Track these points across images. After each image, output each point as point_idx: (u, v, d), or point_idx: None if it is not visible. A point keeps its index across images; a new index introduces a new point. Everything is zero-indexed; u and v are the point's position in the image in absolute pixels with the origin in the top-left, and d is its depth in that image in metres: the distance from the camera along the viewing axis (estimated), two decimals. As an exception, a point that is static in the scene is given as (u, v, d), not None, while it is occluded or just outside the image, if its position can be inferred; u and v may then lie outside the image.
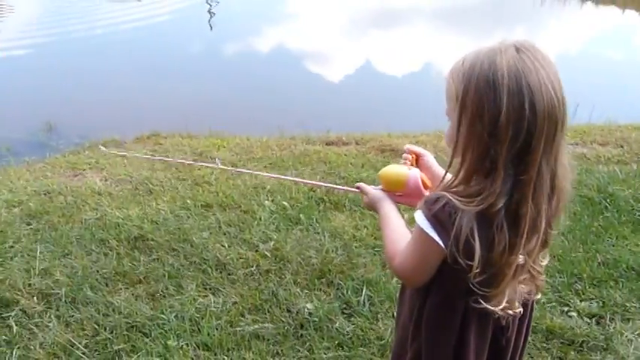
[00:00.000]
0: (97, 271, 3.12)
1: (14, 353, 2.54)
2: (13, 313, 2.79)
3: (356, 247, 3.39)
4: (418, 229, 1.29)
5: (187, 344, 2.59)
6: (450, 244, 1.22)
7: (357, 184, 1.67)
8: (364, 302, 2.89)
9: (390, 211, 1.53)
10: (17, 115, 7.10)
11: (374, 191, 1.61)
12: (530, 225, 1.23)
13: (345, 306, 2.89)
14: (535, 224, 1.25)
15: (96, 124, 6.52)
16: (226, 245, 3.37)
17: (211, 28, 13.30)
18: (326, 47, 12.52)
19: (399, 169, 1.58)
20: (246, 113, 7.38)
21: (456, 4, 17.85)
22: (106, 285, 3.02)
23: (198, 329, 2.69)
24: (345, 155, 5.07)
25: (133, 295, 2.94)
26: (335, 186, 1.87)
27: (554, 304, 2.94)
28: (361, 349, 2.60)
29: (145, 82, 8.72)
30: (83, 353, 2.54)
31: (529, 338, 2.59)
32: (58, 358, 2.53)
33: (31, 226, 3.63)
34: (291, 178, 3.84)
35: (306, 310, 2.82)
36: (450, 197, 1.23)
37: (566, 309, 2.92)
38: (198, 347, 2.59)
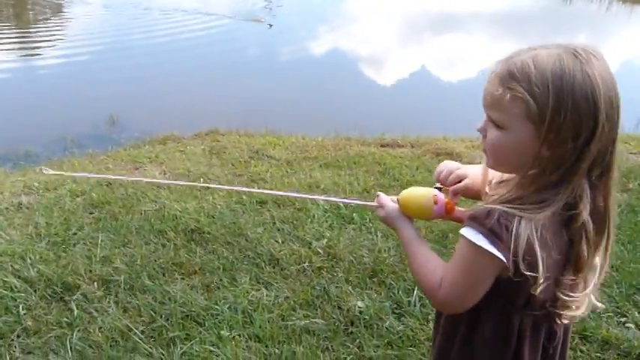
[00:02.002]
0: (155, 261, 3.20)
1: (74, 335, 2.62)
2: (74, 297, 2.89)
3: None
4: (470, 247, 1.21)
5: (240, 335, 2.64)
6: (511, 257, 1.16)
7: (378, 193, 1.53)
8: (415, 303, 2.88)
9: (412, 235, 1.43)
10: (83, 109, 7.38)
11: (392, 207, 1.47)
12: (612, 223, 1.24)
13: (395, 306, 2.89)
14: (612, 220, 1.25)
15: (157, 120, 6.71)
16: (280, 241, 3.42)
17: (270, 26, 13.46)
18: (383, 51, 12.51)
19: (423, 203, 1.43)
20: (302, 114, 7.47)
21: (516, 9, 17.54)
22: (163, 274, 3.10)
23: (251, 321, 2.73)
24: (400, 157, 5.06)
25: (188, 285, 3.01)
26: (353, 201, 1.67)
27: (610, 314, 2.86)
28: (411, 349, 2.60)
29: (205, 82, 8.94)
30: (140, 339, 2.61)
31: (584, 348, 2.55)
32: (115, 342, 2.61)
33: (93, 215, 3.76)
34: (301, 196, 3.59)
35: (357, 307, 2.83)
36: (505, 209, 1.17)
37: (623, 320, 2.84)
38: (250, 339, 2.63)
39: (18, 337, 2.63)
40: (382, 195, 1.51)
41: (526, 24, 15.19)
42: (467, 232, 1.22)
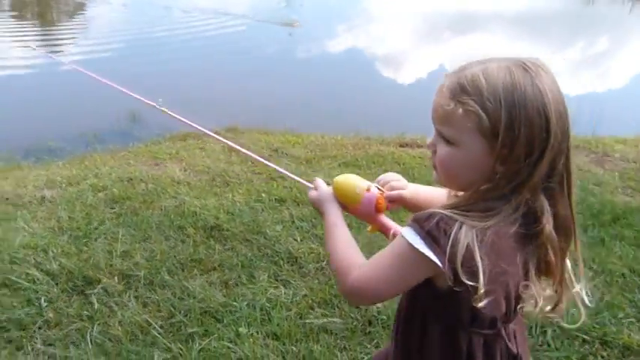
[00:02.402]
0: (174, 257, 3.23)
1: (95, 328, 2.66)
2: (95, 291, 2.92)
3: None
4: (407, 247, 1.17)
5: (257, 332, 2.65)
6: (447, 262, 1.12)
7: (315, 178, 1.57)
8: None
9: (338, 219, 1.43)
10: (104, 105, 7.41)
11: (326, 189, 1.51)
12: (576, 227, 1.24)
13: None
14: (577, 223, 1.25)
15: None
16: (298, 239, 3.43)
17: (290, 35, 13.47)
18: (403, 50, 12.48)
19: (357, 186, 1.47)
20: (322, 112, 7.47)
21: (537, 10, 17.38)
22: (182, 270, 3.12)
23: (269, 319, 2.74)
24: (420, 157, 5.04)
25: (207, 281, 3.03)
26: (291, 175, 1.69)
27: (632, 319, 2.83)
28: (429, 350, 2.59)
29: (225, 80, 8.97)
30: (159, 333, 2.63)
31: (604, 353, 2.53)
32: (134, 336, 2.64)
33: (114, 210, 3.80)
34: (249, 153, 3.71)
35: (374, 307, 2.83)
36: (447, 213, 1.15)
37: (645, 326, 2.81)
38: (268, 336, 2.64)
39: (39, 328, 2.67)
40: (319, 179, 1.55)
41: (547, 25, 15.06)
42: (406, 231, 1.18)
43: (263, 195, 4.01)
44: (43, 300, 2.83)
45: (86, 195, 4.00)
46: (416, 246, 1.15)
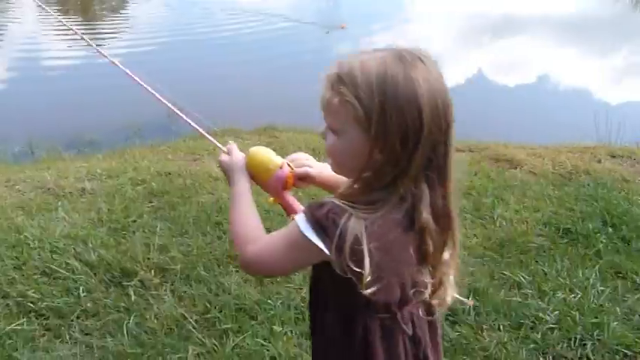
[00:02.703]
0: (210, 252, 3.25)
1: (131, 320, 2.69)
2: (132, 283, 2.96)
3: (465, 255, 3.31)
4: (297, 231, 1.21)
5: (291, 331, 2.64)
6: (334, 250, 1.16)
7: (231, 142, 1.59)
8: (469, 311, 2.82)
9: (246, 190, 1.48)
10: (144, 100, 7.50)
11: (239, 157, 1.53)
12: (456, 222, 1.27)
13: (449, 313, 2.82)
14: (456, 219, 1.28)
15: (216, 114, 6.74)
16: (334, 240, 3.40)
17: (327, 32, 13.46)
18: (443, 53, 12.34)
19: (271, 161, 1.51)
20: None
21: (583, 15, 17.03)
22: (218, 266, 3.14)
23: (303, 318, 2.72)
24: (458, 162, 4.97)
25: (242, 278, 3.03)
26: (206, 134, 1.61)
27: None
28: (464, 357, 2.55)
29: (265, 78, 9.01)
30: (193, 328, 2.65)
31: None
32: (170, 329, 2.66)
33: (152, 204, 3.84)
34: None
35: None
36: (339, 203, 1.18)
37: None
38: (302, 335, 2.63)
39: (77, 318, 2.72)
40: (233, 144, 1.57)
41: (593, 30, 14.75)
42: (299, 218, 1.22)
43: (300, 194, 3.98)
44: (81, 290, 2.88)
45: (125, 188, 4.05)
46: (306, 234, 1.20)
